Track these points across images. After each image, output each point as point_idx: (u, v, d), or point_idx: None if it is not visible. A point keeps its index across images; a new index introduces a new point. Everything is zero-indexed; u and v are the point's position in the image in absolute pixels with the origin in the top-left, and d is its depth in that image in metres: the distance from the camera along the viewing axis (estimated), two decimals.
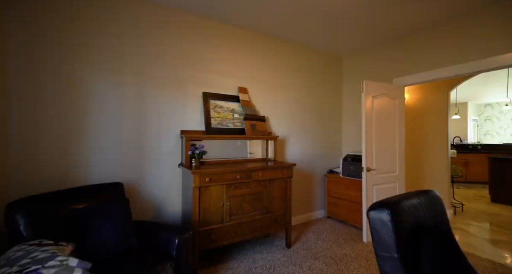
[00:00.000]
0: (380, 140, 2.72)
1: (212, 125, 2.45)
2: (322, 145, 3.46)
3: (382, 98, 2.74)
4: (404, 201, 0.96)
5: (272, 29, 2.78)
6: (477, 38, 2.31)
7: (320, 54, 3.46)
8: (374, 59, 3.26)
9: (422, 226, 0.93)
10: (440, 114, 3.52)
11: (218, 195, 2.05)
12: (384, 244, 0.86)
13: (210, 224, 2.00)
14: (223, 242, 2.06)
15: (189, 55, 2.41)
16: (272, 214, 2.35)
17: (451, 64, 2.49)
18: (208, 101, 2.48)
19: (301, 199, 3.23)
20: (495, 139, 7.37)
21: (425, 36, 2.71)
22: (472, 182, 5.73)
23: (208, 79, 2.54)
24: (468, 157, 5.83)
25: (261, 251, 2.40)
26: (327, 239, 2.69)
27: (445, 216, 1.08)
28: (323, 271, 2.05)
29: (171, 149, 2.30)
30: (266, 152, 2.78)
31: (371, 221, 0.90)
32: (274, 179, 2.36)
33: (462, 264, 0.92)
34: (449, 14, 2.41)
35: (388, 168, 2.80)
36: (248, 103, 2.72)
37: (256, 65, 2.88)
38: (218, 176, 2.03)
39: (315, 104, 3.41)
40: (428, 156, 3.62)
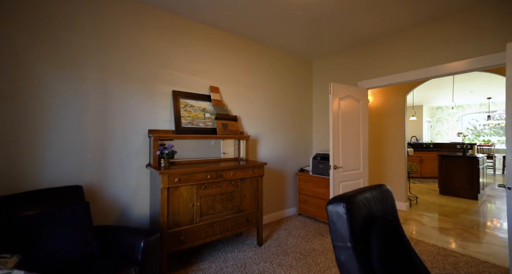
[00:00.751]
0: (346, 139, 2.90)
1: (183, 124, 2.39)
2: (293, 144, 3.58)
3: (348, 100, 2.92)
4: (358, 195, 1.04)
5: (244, 30, 2.80)
6: (428, 48, 2.58)
7: (291, 57, 3.57)
8: (341, 63, 3.45)
9: (373, 216, 1.02)
10: (398, 115, 3.86)
11: (188, 195, 2.01)
12: (340, 235, 0.93)
13: (180, 225, 1.96)
14: (193, 243, 2.03)
15: (158, 52, 2.33)
16: (243, 213, 2.37)
17: (407, 70, 2.74)
18: (178, 100, 2.41)
19: (273, 197, 3.31)
20: (444, 138, 8.28)
21: (385, 43, 2.95)
22: (426, 177, 6.37)
23: (178, 78, 2.47)
24: (422, 154, 6.46)
25: (233, 250, 2.41)
26: (298, 235, 2.79)
27: (394, 207, 1.19)
28: (292, 266, 2.12)
29: (138, 149, 2.20)
30: (238, 152, 2.80)
31: (329, 214, 0.97)
32: (245, 178, 2.38)
33: (406, 248, 1.03)
34: (405, 24, 2.65)
35: (353, 166, 2.99)
36: (220, 103, 2.71)
37: (228, 65, 2.88)
38: (188, 176, 1.99)
39: (287, 105, 3.51)
40: (388, 153, 3.95)
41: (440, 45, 2.49)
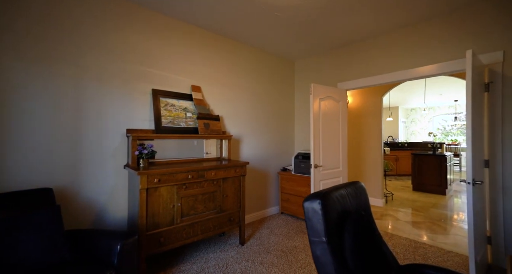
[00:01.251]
0: (327, 138, 2.99)
1: (163, 124, 2.34)
2: (276, 144, 3.63)
3: (328, 101, 3.01)
4: (334, 191, 1.09)
5: (227, 30, 2.80)
6: (402, 52, 2.74)
7: (274, 57, 3.62)
8: (322, 64, 3.55)
9: (348, 212, 1.08)
10: (375, 116, 4.04)
11: (168, 196, 1.98)
12: (315, 230, 0.96)
13: (160, 226, 1.91)
14: (174, 245, 1.99)
15: (137, 49, 2.26)
16: (225, 212, 2.37)
17: (383, 73, 2.88)
18: (158, 99, 2.35)
19: (256, 196, 3.33)
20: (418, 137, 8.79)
21: (363, 47, 3.08)
22: (401, 174, 6.73)
23: (158, 76, 2.41)
24: (398, 153, 6.82)
25: (215, 250, 2.40)
26: (279, 233, 2.84)
27: (367, 202, 1.26)
28: (274, 264, 2.16)
29: (115, 149, 2.11)
30: (221, 151, 2.78)
31: (305, 210, 1.00)
32: (227, 177, 2.38)
33: (377, 241, 1.09)
34: (381, 29, 2.78)
35: (333, 164, 3.09)
36: (202, 102, 2.68)
37: (211, 65, 2.86)
38: (168, 176, 1.95)
39: (269, 104, 3.55)
40: (366, 152, 4.13)
41: (412, 50, 2.65)
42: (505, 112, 2.08)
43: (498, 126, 2.10)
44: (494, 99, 2.12)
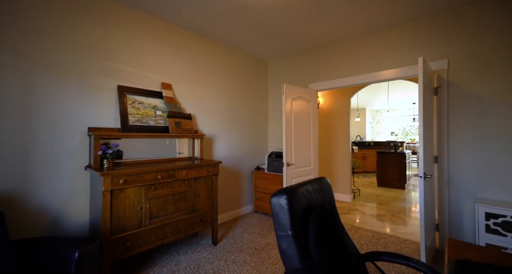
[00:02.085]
0: (298, 137, 3.09)
1: (130, 122, 2.23)
2: (250, 143, 3.66)
3: (299, 101, 3.12)
4: (300, 187, 1.14)
5: (200, 28, 2.75)
6: (368, 56, 2.93)
7: (248, 57, 3.64)
8: (294, 65, 3.66)
9: (313, 206, 1.13)
10: (344, 116, 4.28)
11: (135, 198, 1.89)
12: (282, 224, 1.00)
13: (126, 230, 1.82)
14: (141, 248, 1.91)
15: (102, 42, 2.12)
16: (198, 212, 2.33)
17: (351, 75, 3.06)
18: (125, 96, 2.24)
19: (230, 196, 3.32)
20: (382, 137, 9.48)
21: (333, 50, 3.24)
22: (368, 171, 7.20)
23: (125, 72, 2.29)
24: (365, 151, 7.28)
25: (186, 252, 2.34)
26: (253, 231, 2.87)
27: (332, 197, 1.34)
28: (246, 262, 2.18)
29: (74, 149, 1.96)
30: (193, 151, 2.73)
31: (272, 206, 1.03)
32: (199, 177, 2.34)
33: (340, 233, 1.17)
34: (349, 34, 2.96)
35: (304, 163, 3.21)
36: (173, 100, 2.60)
37: (183, 62, 2.79)
38: (135, 176, 1.86)
39: (243, 104, 3.57)
40: (335, 151, 4.35)
41: (376, 55, 2.86)
42: (450, 114, 2.35)
43: (445, 126, 2.36)
44: (441, 102, 2.38)
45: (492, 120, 2.15)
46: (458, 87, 2.30)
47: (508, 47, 2.07)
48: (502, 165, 2.10)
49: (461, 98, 2.29)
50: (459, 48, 2.29)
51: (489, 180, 2.15)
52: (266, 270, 2.04)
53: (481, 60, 2.19)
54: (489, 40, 2.15)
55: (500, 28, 2.10)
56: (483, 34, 2.18)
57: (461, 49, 2.28)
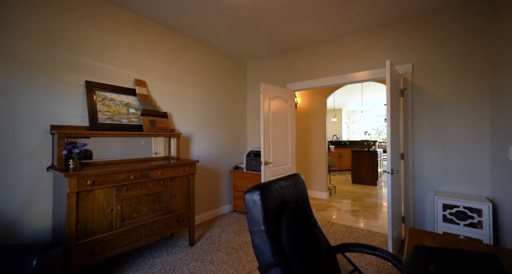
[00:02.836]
0: (276, 136, 3.14)
1: (100, 120, 2.11)
2: (228, 142, 3.64)
3: (277, 101, 3.17)
4: (274, 183, 1.16)
5: (177, 24, 2.68)
6: (342, 58, 3.06)
7: (226, 56, 3.62)
8: (272, 65, 3.71)
9: (286, 201, 1.16)
10: (320, 116, 4.42)
11: (105, 199, 1.79)
12: (255, 220, 1.01)
13: (94, 234, 1.72)
14: (112, 253, 1.81)
15: (68, 34, 1.98)
16: (174, 213, 2.27)
17: (327, 76, 3.18)
18: (94, 93, 2.11)
19: (208, 196, 3.28)
20: (357, 136, 9.95)
21: (310, 51, 3.33)
22: (344, 169, 7.51)
23: (94, 67, 2.16)
24: (341, 150, 7.59)
25: (161, 254, 2.27)
26: (231, 231, 2.86)
27: (306, 193, 1.38)
28: (224, 261, 2.16)
29: (34, 148, 1.81)
30: (169, 150, 2.66)
31: (246, 202, 1.04)
32: (175, 177, 2.29)
33: (312, 227, 1.21)
34: (325, 36, 3.06)
35: (282, 161, 3.26)
36: (147, 97, 2.51)
37: (158, 59, 2.70)
38: (105, 177, 1.77)
39: (222, 103, 3.54)
40: (312, 150, 4.48)
41: (350, 57, 2.99)
42: (414, 114, 2.53)
43: (410, 126, 2.54)
44: (406, 103, 2.56)
45: (448, 121, 2.36)
46: (420, 90, 2.49)
47: (462, 54, 2.29)
48: (456, 161, 2.31)
49: (423, 100, 2.48)
50: (421, 53, 2.48)
51: (446, 175, 2.36)
52: (243, 268, 2.05)
53: (439, 65, 2.39)
54: (446, 47, 2.36)
55: (456, 36, 2.31)
56: (441, 41, 2.38)
57: (423, 54, 2.47)
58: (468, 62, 2.26)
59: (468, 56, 2.26)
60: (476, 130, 2.23)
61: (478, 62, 2.22)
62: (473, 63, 2.24)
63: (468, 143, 2.27)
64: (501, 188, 1.92)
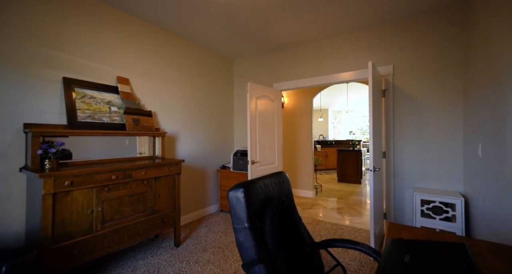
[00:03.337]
0: (263, 135, 3.15)
1: (80, 118, 2.03)
2: (215, 141, 3.61)
3: (264, 100, 3.18)
4: (258, 181, 1.17)
5: (162, 21, 2.62)
6: (328, 59, 3.12)
7: (213, 54, 3.59)
8: (259, 65, 3.72)
9: (270, 199, 1.17)
10: (307, 116, 4.49)
11: (85, 200, 1.72)
12: (239, 217, 1.01)
13: (73, 237, 1.65)
14: (92, 256, 1.75)
15: (45, 28, 1.88)
16: (158, 214, 2.22)
17: (313, 76, 3.23)
18: (73, 89, 2.02)
19: (194, 196, 3.24)
20: (342, 136, 10.19)
21: (297, 51, 3.37)
22: (330, 168, 7.67)
23: (73, 63, 2.07)
24: (327, 150, 7.74)
25: (145, 256, 2.22)
26: (218, 230, 2.84)
27: (290, 190, 1.40)
28: (210, 261, 2.15)
29: (5, 148, 1.70)
30: (153, 150, 2.60)
31: (229, 200, 1.04)
32: (160, 176, 2.24)
33: (296, 224, 1.23)
34: (312, 36, 3.11)
35: (269, 160, 3.28)
36: (130, 96, 2.44)
37: (143, 56, 2.63)
38: (84, 177, 1.70)
39: (208, 102, 3.51)
40: (299, 149, 4.54)
41: (335, 57, 3.06)
42: (395, 114, 2.64)
43: (391, 125, 2.64)
44: (388, 103, 2.66)
45: (425, 120, 2.48)
46: (401, 90, 2.60)
47: (436, 57, 2.41)
48: (433, 159, 2.43)
49: (404, 100, 2.59)
50: (401, 56, 2.59)
51: (424, 172, 2.48)
52: (229, 267, 2.04)
53: (417, 67, 2.50)
54: (422, 50, 2.47)
55: (431, 40, 2.43)
56: (418, 45, 2.49)
57: (402, 57, 2.58)
58: (442, 65, 2.38)
59: (441, 59, 2.39)
60: (450, 129, 2.36)
61: (450, 65, 2.35)
62: (446, 67, 2.37)
63: (443, 141, 2.39)
64: (472, 183, 2.04)
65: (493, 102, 1.60)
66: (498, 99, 1.51)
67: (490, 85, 1.65)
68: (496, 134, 1.54)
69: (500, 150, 1.48)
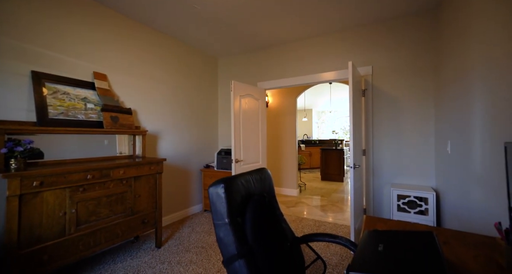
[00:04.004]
0: (247, 134, 3.15)
1: (51, 115, 1.91)
2: (199, 140, 3.55)
3: (248, 99, 3.18)
4: (239, 177, 1.16)
5: (143, 16, 2.54)
6: (312, 58, 3.18)
7: (197, 53, 3.53)
8: (244, 64, 3.72)
9: (251, 194, 1.17)
10: (290, 115, 4.54)
11: (57, 202, 1.62)
12: (219, 213, 1.00)
13: (43, 241, 1.55)
14: (65, 261, 1.65)
15: (7, 18, 1.75)
16: (138, 214, 2.15)
17: (296, 76, 3.27)
18: (43, 85, 1.90)
19: (178, 195, 3.17)
20: (326, 136, 10.44)
21: (281, 50, 3.40)
22: (314, 167, 7.82)
23: (44, 56, 1.95)
24: (311, 149, 7.89)
25: (124, 259, 2.13)
26: (201, 230, 2.79)
27: (272, 187, 1.40)
28: (193, 261, 2.11)
29: None
30: (133, 149, 2.51)
31: (209, 196, 1.02)
32: (140, 176, 2.16)
33: (277, 219, 1.24)
34: (296, 36, 3.16)
35: (253, 159, 3.28)
36: (108, 92, 2.34)
37: (122, 52, 2.53)
38: (56, 177, 1.60)
39: (192, 100, 3.45)
40: (283, 148, 4.58)
41: (318, 57, 3.12)
42: (374, 113, 2.74)
43: (370, 124, 2.74)
44: (367, 103, 2.76)
45: (401, 119, 2.60)
46: (379, 90, 2.71)
47: (411, 59, 2.53)
48: (408, 156, 2.56)
49: (382, 100, 2.70)
50: (379, 57, 2.69)
51: (400, 168, 2.60)
52: (212, 266, 2.01)
53: (394, 68, 2.62)
54: (398, 52, 2.59)
55: (406, 43, 2.56)
56: (395, 47, 2.61)
57: (381, 58, 2.69)
58: (416, 68, 2.52)
59: (416, 63, 2.52)
60: (424, 127, 2.49)
61: (423, 69, 2.49)
62: (420, 69, 2.50)
63: (418, 139, 2.52)
64: (442, 178, 2.17)
65: (458, 102, 1.71)
66: (463, 100, 1.62)
67: (455, 88, 1.77)
68: (462, 132, 1.65)
69: (466, 146, 1.58)
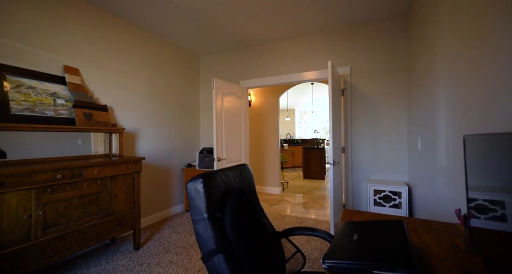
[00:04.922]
0: (229, 132, 3.13)
1: (14, 111, 1.76)
2: (180, 139, 3.47)
3: (230, 97, 3.16)
4: (219, 172, 1.15)
5: (120, 10, 2.42)
6: (293, 58, 3.22)
7: (178, 50, 3.45)
8: (226, 62, 3.69)
9: (231, 190, 1.16)
10: (273, 114, 4.58)
11: (20, 204, 1.50)
12: (198, 208, 0.98)
13: (2, 247, 1.42)
14: (30, 268, 1.53)
15: None
16: (114, 215, 2.05)
17: (278, 75, 3.30)
18: (4, 77, 1.75)
19: (158, 195, 3.07)
20: (308, 135, 10.67)
21: (263, 49, 3.42)
22: (296, 166, 7.96)
23: (6, 47, 1.80)
24: (294, 148, 8.02)
25: (99, 262, 2.02)
26: (182, 230, 2.73)
27: (252, 182, 1.40)
28: (173, 262, 2.05)
29: None
30: (110, 147, 2.39)
31: (188, 191, 1.00)
32: (117, 175, 2.07)
33: (257, 214, 1.24)
34: (277, 35, 3.19)
35: (236, 157, 3.27)
36: (81, 87, 2.21)
37: (96, 46, 2.40)
38: (20, 177, 1.48)
39: (172, 98, 3.36)
40: (266, 147, 4.61)
41: (299, 57, 3.17)
42: (352, 112, 2.84)
43: (349, 122, 2.84)
44: (346, 102, 2.86)
45: (378, 117, 2.72)
46: (357, 90, 2.81)
47: (386, 61, 2.67)
48: (383, 152, 2.69)
49: (360, 99, 2.80)
50: (357, 58, 2.80)
51: (377, 164, 2.72)
52: (193, 266, 1.98)
53: (370, 69, 2.74)
54: (374, 54, 2.71)
55: (381, 46, 2.68)
56: (371, 49, 2.73)
57: (358, 59, 2.80)
58: (391, 70, 2.65)
59: (391, 64, 2.65)
60: (397, 125, 2.63)
61: (398, 70, 2.62)
62: (394, 71, 2.64)
63: (392, 137, 2.65)
64: (413, 173, 2.30)
65: (427, 101, 1.83)
66: (430, 99, 1.73)
67: (424, 87, 1.88)
68: (429, 128, 1.77)
69: (432, 142, 1.70)
